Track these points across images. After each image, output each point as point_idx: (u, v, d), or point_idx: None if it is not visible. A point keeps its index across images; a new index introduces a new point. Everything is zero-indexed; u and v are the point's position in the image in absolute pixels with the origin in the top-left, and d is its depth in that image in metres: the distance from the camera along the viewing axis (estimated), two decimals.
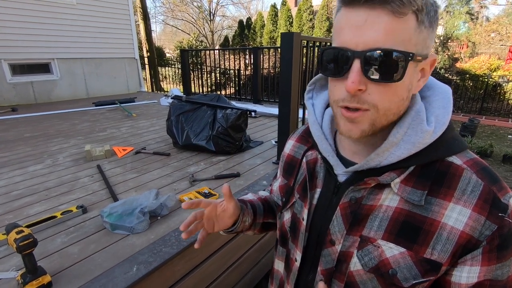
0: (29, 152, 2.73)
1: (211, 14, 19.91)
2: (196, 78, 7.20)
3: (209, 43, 19.39)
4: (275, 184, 0.76)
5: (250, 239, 1.80)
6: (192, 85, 6.35)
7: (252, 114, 4.10)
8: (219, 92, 9.77)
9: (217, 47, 17.89)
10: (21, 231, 1.08)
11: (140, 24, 11.69)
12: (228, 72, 10.51)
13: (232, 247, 1.67)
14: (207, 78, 8.92)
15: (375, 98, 0.43)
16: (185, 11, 19.99)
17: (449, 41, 11.65)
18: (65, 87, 5.84)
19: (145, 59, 11.06)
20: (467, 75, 10.62)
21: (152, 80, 11.10)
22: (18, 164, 2.44)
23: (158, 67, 12.00)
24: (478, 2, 12.09)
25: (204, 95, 3.00)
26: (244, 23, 14.18)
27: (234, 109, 2.72)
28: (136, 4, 11.14)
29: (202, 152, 2.63)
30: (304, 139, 0.67)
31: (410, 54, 0.41)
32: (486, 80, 9.91)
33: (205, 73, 8.71)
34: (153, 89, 10.57)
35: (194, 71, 7.60)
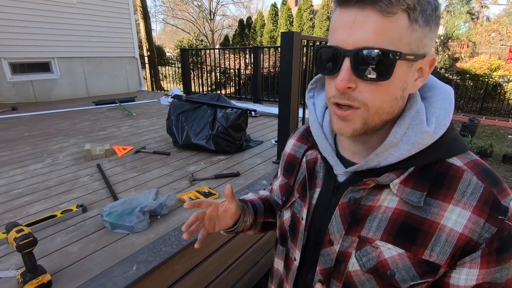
0: (29, 151, 2.73)
1: (211, 13, 19.90)
2: (196, 77, 7.20)
3: (209, 42, 19.38)
4: (275, 183, 0.76)
5: (249, 239, 1.81)
6: (192, 84, 6.35)
7: (252, 113, 4.11)
8: (219, 92, 9.77)
9: (217, 46, 17.87)
10: (21, 230, 1.09)
11: (140, 23, 11.69)
12: (228, 71, 10.51)
13: (232, 246, 1.67)
14: (207, 78, 8.92)
15: (366, 96, 0.43)
16: (185, 10, 19.98)
17: (449, 40, 11.63)
18: (65, 86, 5.84)
19: (145, 58, 11.06)
20: (468, 75, 10.62)
21: (152, 79, 11.10)
22: (18, 163, 2.44)
23: (158, 66, 12.00)
24: (479, 2, 12.07)
25: (204, 95, 3.00)
26: (244, 23, 14.17)
27: (234, 108, 2.72)
28: (136, 3, 11.13)
29: (202, 151, 2.63)
30: (305, 139, 0.67)
31: (398, 53, 0.40)
32: (487, 80, 9.90)
33: (205, 72, 8.70)
34: (153, 88, 10.57)
35: (194, 70, 7.60)
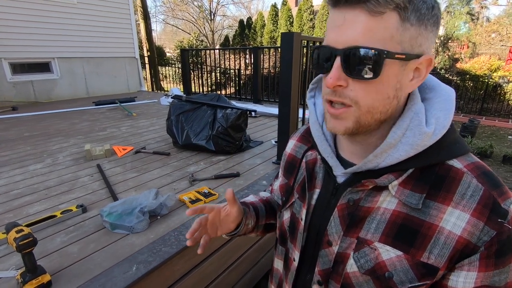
0: (29, 151, 2.73)
1: (212, 14, 19.91)
2: (196, 78, 7.20)
3: (209, 42, 19.39)
4: (275, 183, 0.77)
5: (249, 239, 1.80)
6: (192, 84, 6.35)
7: (252, 114, 4.10)
8: (219, 92, 9.77)
9: (217, 47, 17.88)
10: (21, 230, 1.09)
11: (141, 24, 11.70)
12: (228, 71, 10.52)
13: (232, 247, 1.67)
14: (207, 78, 8.92)
15: (357, 95, 0.44)
16: (185, 11, 20.00)
17: (449, 41, 11.64)
18: (65, 86, 5.84)
19: (145, 58, 11.06)
20: (468, 76, 10.63)
21: (152, 80, 11.10)
22: (18, 163, 2.44)
23: (159, 67, 12.00)
24: (479, 3, 12.09)
25: (204, 95, 3.00)
26: (245, 23, 14.18)
27: (234, 108, 2.72)
28: (136, 3, 11.13)
29: (202, 151, 2.63)
30: (305, 139, 0.67)
31: (385, 52, 0.41)
32: (487, 80, 9.91)
33: (205, 72, 8.70)
34: (153, 88, 10.57)
35: (194, 71, 7.60)
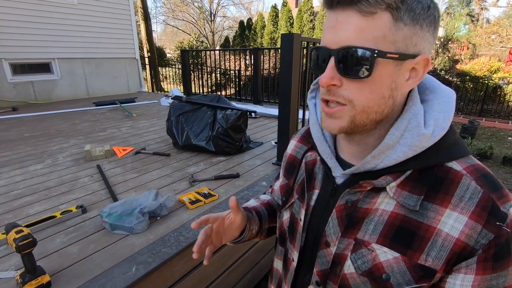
0: (29, 152, 2.73)
1: (212, 15, 19.93)
2: (197, 79, 7.21)
3: (209, 43, 19.41)
4: (276, 184, 0.77)
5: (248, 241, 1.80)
6: (193, 85, 6.35)
7: (252, 114, 4.10)
8: (219, 93, 9.78)
9: (217, 48, 17.91)
10: (20, 230, 1.09)
11: (141, 24, 11.71)
12: (229, 72, 10.53)
13: (231, 248, 1.67)
14: (207, 79, 8.93)
15: (351, 94, 0.45)
16: (185, 12, 20.02)
17: (449, 42, 11.66)
18: (65, 87, 5.85)
19: (145, 59, 11.07)
20: (467, 77, 10.63)
21: (152, 80, 11.11)
22: (18, 163, 2.44)
23: (159, 67, 12.01)
24: (479, 4, 12.11)
25: (204, 96, 3.01)
26: (245, 24, 14.18)
27: (234, 109, 2.72)
28: (137, 4, 11.15)
29: (202, 152, 2.63)
30: (306, 140, 0.68)
31: (376, 51, 0.41)
32: (486, 82, 9.91)
33: (205, 73, 8.71)
34: (153, 89, 10.56)
35: (194, 72, 7.61)
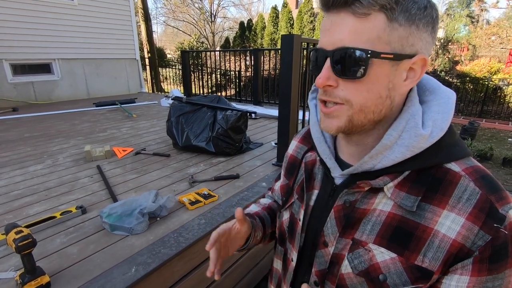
0: (29, 152, 2.73)
1: (212, 16, 19.97)
2: (197, 79, 7.22)
3: (210, 44, 19.43)
4: (277, 184, 0.77)
5: None
6: (193, 86, 6.36)
7: (252, 115, 4.11)
8: (219, 94, 9.78)
9: (218, 49, 17.93)
10: (20, 231, 1.09)
11: (141, 25, 11.73)
12: (229, 73, 10.53)
13: None
14: (207, 79, 8.94)
15: (348, 94, 0.45)
16: (186, 12, 20.05)
17: (449, 43, 11.67)
18: (65, 88, 5.85)
19: (146, 60, 11.08)
20: (468, 78, 10.64)
21: (152, 81, 11.11)
22: (18, 164, 2.44)
23: (159, 68, 12.01)
24: (479, 5, 12.13)
25: (205, 97, 3.01)
26: (245, 25, 14.19)
27: (234, 110, 2.72)
28: (137, 5, 11.17)
29: (202, 153, 2.63)
30: (306, 140, 0.68)
31: (369, 51, 0.41)
32: (487, 83, 9.92)
33: (205, 74, 8.72)
34: (153, 90, 10.57)
35: (194, 72, 7.61)
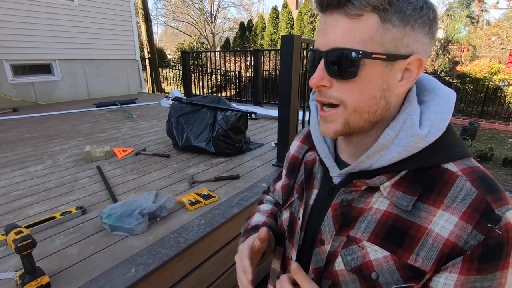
0: (29, 153, 2.73)
1: (212, 16, 19.98)
2: (197, 80, 7.22)
3: (210, 45, 19.44)
4: (278, 184, 0.78)
5: None
6: (193, 86, 6.37)
7: (252, 116, 4.11)
8: (219, 94, 9.79)
9: (218, 49, 17.94)
10: (20, 231, 1.09)
11: (142, 26, 11.75)
12: (229, 74, 10.53)
13: (231, 249, 1.67)
14: (207, 80, 8.94)
15: (342, 94, 0.46)
16: (186, 13, 20.06)
17: (449, 44, 11.67)
18: (66, 88, 5.86)
19: (146, 60, 11.08)
20: (468, 79, 10.64)
21: (153, 82, 11.12)
22: (19, 164, 2.45)
23: (159, 69, 12.02)
24: (479, 6, 12.12)
25: (205, 97, 3.01)
26: (245, 25, 14.21)
27: (234, 111, 2.72)
28: (137, 5, 11.18)
29: (202, 153, 2.63)
30: (308, 140, 0.69)
31: (360, 52, 0.42)
32: (487, 83, 9.92)
33: (205, 74, 8.72)
34: (153, 90, 10.58)
35: (195, 73, 7.62)
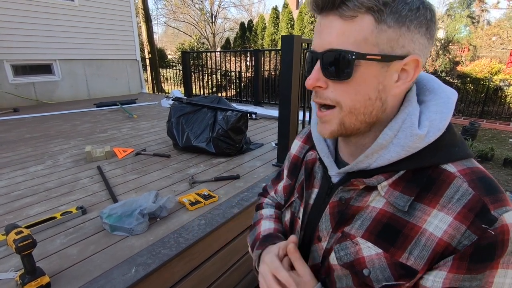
0: (30, 153, 2.74)
1: (213, 16, 19.99)
2: (197, 80, 7.22)
3: (210, 45, 19.45)
4: (280, 185, 0.78)
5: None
6: (193, 87, 6.37)
7: (253, 116, 4.11)
8: (220, 94, 9.79)
9: (218, 49, 17.94)
10: (20, 231, 1.09)
11: (142, 26, 11.76)
12: (229, 74, 10.54)
13: (231, 249, 1.67)
14: (208, 80, 8.94)
15: (337, 95, 0.46)
16: (186, 13, 20.08)
17: (450, 44, 11.66)
18: (66, 88, 5.86)
19: (146, 60, 11.09)
20: (468, 79, 10.63)
21: (153, 82, 11.13)
22: (19, 164, 2.45)
23: (160, 69, 12.04)
24: (479, 6, 12.10)
25: (205, 97, 3.01)
26: (246, 26, 14.20)
27: (235, 111, 2.72)
28: (138, 5, 11.20)
29: (202, 154, 2.63)
30: (309, 140, 0.69)
31: (354, 53, 0.42)
32: (487, 83, 9.90)
33: (206, 75, 8.72)
34: (154, 90, 10.58)
35: (195, 73, 7.62)
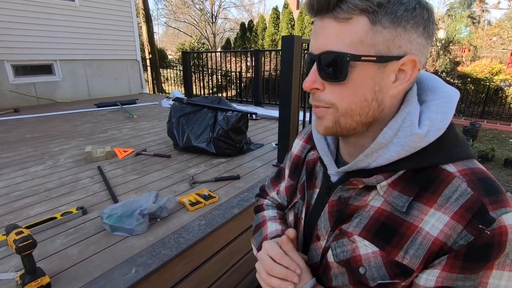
0: (30, 153, 2.74)
1: (213, 17, 20.01)
2: (198, 80, 7.22)
3: (211, 45, 19.46)
4: (281, 185, 0.78)
5: (249, 242, 1.80)
6: (194, 87, 6.37)
7: (253, 116, 4.11)
8: (220, 94, 9.79)
9: (219, 49, 17.95)
10: (20, 232, 1.09)
11: (143, 26, 11.77)
12: (230, 74, 10.54)
13: (232, 249, 1.67)
14: (208, 80, 8.94)
15: (333, 97, 0.47)
16: (187, 14, 20.09)
17: (450, 44, 11.65)
18: (67, 88, 5.86)
19: (147, 61, 11.10)
20: (469, 79, 10.62)
21: (153, 82, 11.13)
22: (19, 164, 2.45)
23: (160, 69, 12.05)
24: (480, 6, 12.09)
25: (205, 97, 3.01)
26: (246, 26, 14.20)
27: (235, 111, 2.72)
28: (138, 6, 11.21)
29: (203, 154, 2.63)
30: (311, 139, 0.69)
31: (348, 55, 0.42)
32: (488, 84, 9.89)
33: (206, 75, 8.72)
34: (154, 91, 10.59)
35: (195, 73, 7.62)
